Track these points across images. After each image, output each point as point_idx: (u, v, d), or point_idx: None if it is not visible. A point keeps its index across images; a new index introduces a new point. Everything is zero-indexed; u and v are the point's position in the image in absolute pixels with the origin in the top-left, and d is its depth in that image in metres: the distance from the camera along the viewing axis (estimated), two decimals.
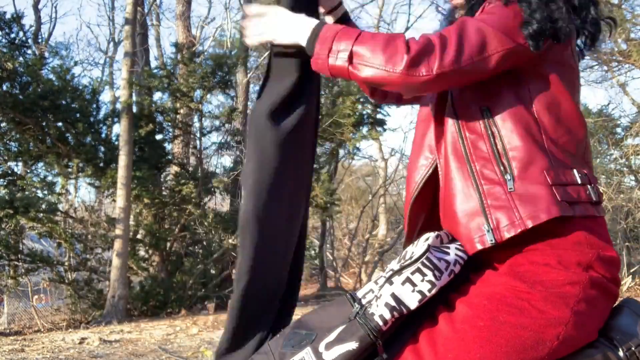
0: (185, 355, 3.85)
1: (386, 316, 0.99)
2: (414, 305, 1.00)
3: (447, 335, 0.98)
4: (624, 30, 6.75)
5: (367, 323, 0.99)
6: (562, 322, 0.97)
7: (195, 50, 8.46)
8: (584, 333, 1.00)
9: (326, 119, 7.83)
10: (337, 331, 1.01)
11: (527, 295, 0.98)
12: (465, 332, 0.97)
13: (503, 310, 0.98)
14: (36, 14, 13.98)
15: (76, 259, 7.68)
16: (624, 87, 8.89)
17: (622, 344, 1.02)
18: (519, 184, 1.04)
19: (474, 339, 0.96)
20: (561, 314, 0.97)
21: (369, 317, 1.00)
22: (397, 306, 1.00)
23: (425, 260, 1.03)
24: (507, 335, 0.95)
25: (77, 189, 10.26)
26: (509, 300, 0.99)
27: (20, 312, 8.98)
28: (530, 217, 1.01)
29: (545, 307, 0.97)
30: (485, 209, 1.05)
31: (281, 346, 1.05)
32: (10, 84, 6.88)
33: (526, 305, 0.97)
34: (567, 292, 0.98)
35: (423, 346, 1.00)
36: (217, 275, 7.91)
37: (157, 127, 7.86)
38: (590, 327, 1.01)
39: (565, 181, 1.05)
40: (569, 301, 0.98)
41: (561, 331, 0.96)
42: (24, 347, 4.11)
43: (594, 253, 1.02)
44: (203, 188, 7.77)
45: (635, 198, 6.72)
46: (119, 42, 17.11)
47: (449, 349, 0.96)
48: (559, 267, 1.01)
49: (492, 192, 1.06)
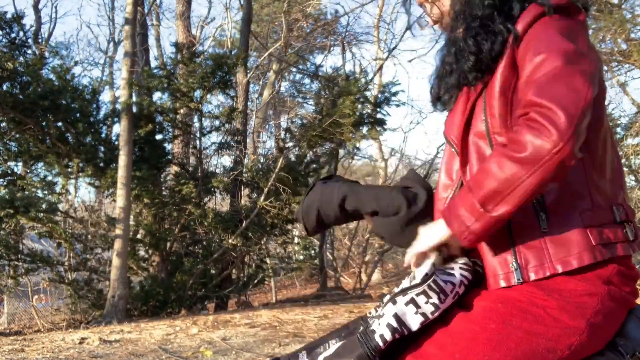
0: (185, 355, 3.85)
1: (387, 336, 0.99)
2: (416, 327, 1.00)
3: (456, 335, 0.97)
4: (623, 30, 6.74)
5: (367, 342, 0.98)
6: (577, 333, 0.95)
7: (195, 50, 8.45)
8: (595, 344, 0.99)
9: (326, 119, 7.82)
10: (336, 346, 1.01)
11: (543, 303, 0.97)
12: (476, 333, 0.96)
13: (517, 315, 0.96)
14: (36, 14, 13.99)
15: (76, 259, 7.68)
16: (624, 87, 8.88)
17: (627, 350, 1.01)
18: (553, 224, 0.99)
19: (485, 341, 0.94)
20: (577, 325, 0.95)
21: (369, 335, 0.99)
22: (399, 327, 0.99)
23: (432, 282, 1.01)
24: (518, 340, 0.94)
25: (77, 189, 10.27)
26: (524, 305, 0.97)
27: (20, 312, 8.99)
28: (560, 261, 0.98)
29: (561, 316, 0.95)
30: (515, 246, 1.01)
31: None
32: (10, 84, 6.87)
33: (541, 313, 0.96)
34: (585, 303, 0.97)
35: (428, 345, 0.99)
36: (217, 275, 7.91)
37: (157, 127, 7.85)
38: (602, 338, 1.00)
39: (603, 222, 1.00)
40: (586, 312, 0.96)
41: (575, 342, 0.95)
42: (24, 347, 4.11)
43: (614, 267, 1.00)
44: (203, 188, 7.77)
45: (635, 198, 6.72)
46: (119, 42, 17.13)
47: (457, 349, 0.95)
48: (577, 278, 0.98)
49: (524, 229, 1.01)
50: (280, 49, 11.90)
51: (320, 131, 7.89)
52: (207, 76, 7.49)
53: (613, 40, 7.09)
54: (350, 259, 13.94)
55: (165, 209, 7.70)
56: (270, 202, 7.60)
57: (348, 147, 9.67)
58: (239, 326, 5.03)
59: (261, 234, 7.86)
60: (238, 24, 11.48)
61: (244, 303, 9.01)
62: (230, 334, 4.61)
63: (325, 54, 15.56)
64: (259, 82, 14.65)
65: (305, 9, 12.09)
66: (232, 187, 8.18)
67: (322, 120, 7.96)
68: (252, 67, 10.42)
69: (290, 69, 15.08)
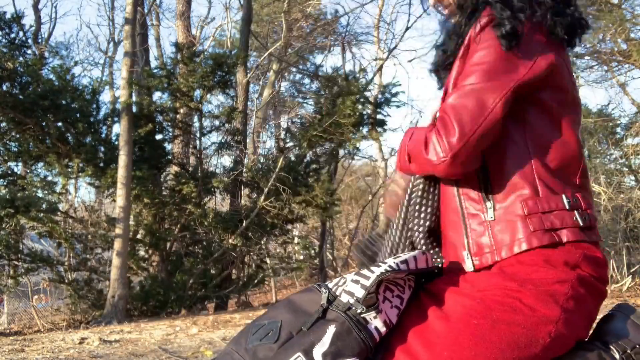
0: (185, 355, 3.85)
1: (381, 329, 1.01)
2: (395, 320, 1.04)
3: (441, 334, 0.99)
4: (623, 30, 6.74)
5: (366, 339, 0.99)
6: (553, 320, 0.98)
7: (195, 50, 8.44)
8: (574, 330, 1.02)
9: (326, 119, 7.83)
10: (330, 335, 0.98)
11: (518, 294, 1.00)
12: (459, 331, 0.98)
13: (496, 309, 0.99)
14: (36, 14, 13.99)
15: (76, 259, 7.68)
16: (624, 87, 8.88)
17: (618, 347, 1.04)
18: (498, 212, 1.08)
19: (469, 337, 0.96)
20: (551, 312, 0.99)
21: (368, 327, 1.00)
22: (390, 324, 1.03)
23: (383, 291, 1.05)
24: (501, 333, 0.97)
25: (77, 189, 10.27)
26: (501, 299, 1.00)
27: (20, 312, 8.99)
28: (506, 248, 1.06)
29: (536, 305, 0.99)
30: (467, 234, 1.10)
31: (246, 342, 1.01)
32: (10, 84, 6.88)
33: (518, 304, 0.99)
34: (557, 290, 1.00)
35: (416, 346, 1.00)
36: (217, 275, 7.90)
37: (157, 127, 7.86)
38: (579, 324, 1.03)
39: (548, 209, 1.06)
40: (559, 299, 1.00)
41: (552, 329, 0.98)
42: (24, 347, 4.11)
43: (580, 253, 1.05)
44: (203, 188, 7.77)
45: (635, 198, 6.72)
46: (119, 42, 17.14)
47: (444, 347, 0.97)
48: (547, 266, 1.03)
49: (474, 217, 1.10)
50: (280, 49, 11.90)
51: (320, 131, 7.90)
52: (207, 76, 7.49)
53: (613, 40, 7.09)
54: (350, 258, 13.94)
55: (165, 209, 7.70)
56: (270, 202, 7.60)
57: (348, 147, 9.66)
58: (239, 326, 5.03)
59: (261, 234, 7.87)
60: (238, 24, 11.50)
61: (244, 303, 9.01)
62: (231, 334, 4.60)
63: (325, 54, 15.59)
64: (259, 82, 14.65)
65: (305, 9, 12.09)
66: (232, 187, 8.18)
67: (322, 120, 7.97)
68: (252, 67, 10.43)
69: (290, 69, 15.09)
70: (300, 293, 1.07)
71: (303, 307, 1.03)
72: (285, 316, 1.02)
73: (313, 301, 1.03)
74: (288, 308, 1.04)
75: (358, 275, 1.03)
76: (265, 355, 0.98)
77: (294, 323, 1.01)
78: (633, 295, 5.33)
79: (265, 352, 0.98)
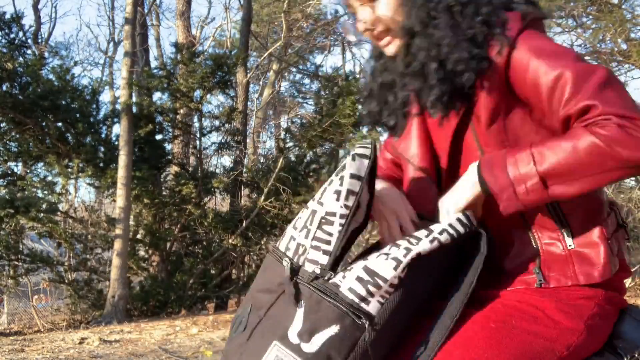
0: (185, 355, 3.85)
1: (359, 290, 0.91)
2: (390, 274, 0.91)
3: (456, 331, 0.97)
4: (624, 31, 6.74)
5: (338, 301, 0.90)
6: (575, 334, 0.96)
7: (195, 50, 8.44)
8: (592, 345, 1.01)
9: (326, 119, 7.82)
10: (300, 313, 0.91)
11: (541, 304, 0.98)
12: (475, 332, 0.96)
13: (516, 316, 0.97)
14: (36, 14, 14.00)
15: (76, 259, 7.68)
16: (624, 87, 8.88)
17: (626, 352, 1.02)
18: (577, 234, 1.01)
19: (484, 339, 0.95)
20: (575, 326, 0.97)
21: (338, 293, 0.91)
22: (371, 278, 0.91)
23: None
24: (517, 340, 0.94)
25: (77, 189, 10.27)
26: (523, 307, 0.99)
27: (20, 312, 8.98)
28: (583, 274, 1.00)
29: (559, 317, 0.97)
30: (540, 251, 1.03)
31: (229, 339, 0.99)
32: (10, 84, 6.87)
33: (540, 314, 0.97)
34: (582, 305, 0.99)
35: None
36: (217, 275, 7.91)
37: (156, 127, 7.85)
38: (599, 339, 1.02)
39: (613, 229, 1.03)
40: (584, 314, 0.98)
41: (573, 342, 0.96)
42: (24, 347, 4.11)
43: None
44: (203, 188, 7.77)
45: (635, 198, 6.71)
46: (118, 42, 17.14)
47: (457, 345, 0.95)
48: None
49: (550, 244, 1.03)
50: (280, 49, 11.90)
51: (320, 131, 7.89)
52: (207, 76, 7.49)
53: (613, 40, 7.09)
54: (350, 258, 13.93)
55: (165, 209, 7.70)
56: (270, 202, 7.60)
57: (348, 147, 9.66)
58: None
59: (261, 234, 7.87)
60: (238, 24, 11.50)
61: None
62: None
63: (325, 54, 15.60)
64: (259, 82, 14.65)
65: (305, 9, 12.08)
66: (232, 187, 8.18)
67: (322, 120, 7.96)
68: (252, 67, 10.42)
69: (290, 69, 15.09)
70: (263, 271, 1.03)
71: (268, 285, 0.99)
72: (256, 299, 0.99)
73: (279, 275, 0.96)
74: (257, 289, 1.01)
75: (317, 241, 0.96)
76: (240, 344, 0.96)
77: (262, 303, 0.98)
78: (633, 296, 5.33)
79: (239, 341, 0.97)
